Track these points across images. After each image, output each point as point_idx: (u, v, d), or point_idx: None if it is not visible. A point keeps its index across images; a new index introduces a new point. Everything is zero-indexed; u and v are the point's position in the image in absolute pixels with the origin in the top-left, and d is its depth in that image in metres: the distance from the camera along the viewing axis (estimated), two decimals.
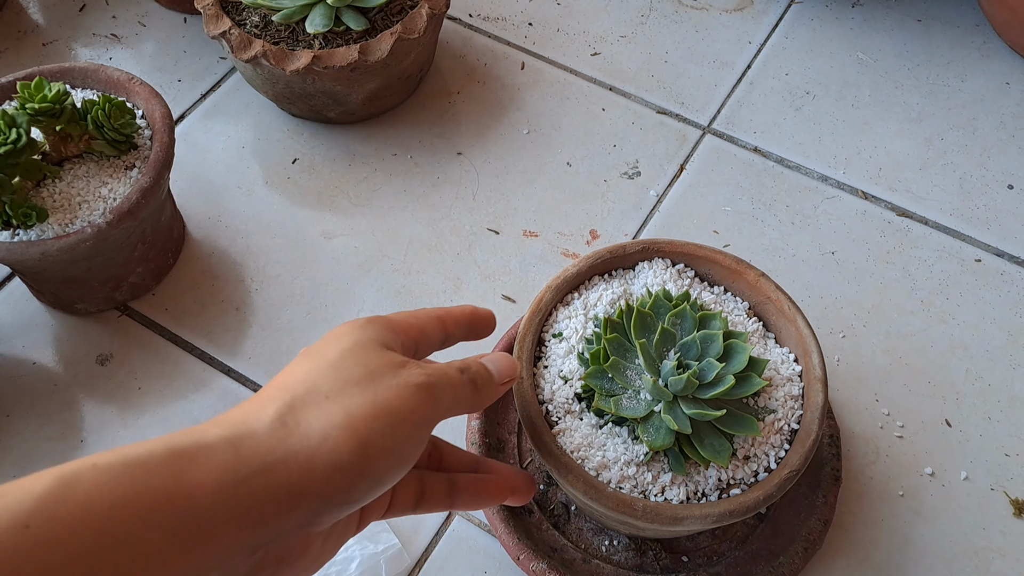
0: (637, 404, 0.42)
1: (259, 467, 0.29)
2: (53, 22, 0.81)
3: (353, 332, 0.35)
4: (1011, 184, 0.69)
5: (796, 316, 0.44)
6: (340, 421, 0.31)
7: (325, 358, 0.34)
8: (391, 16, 0.67)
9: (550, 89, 0.75)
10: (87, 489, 0.26)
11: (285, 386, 0.32)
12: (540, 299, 0.46)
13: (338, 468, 0.31)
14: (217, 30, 0.66)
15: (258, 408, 0.31)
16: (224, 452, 0.29)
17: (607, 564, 0.51)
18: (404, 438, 0.33)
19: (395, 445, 0.32)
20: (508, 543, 0.51)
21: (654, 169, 0.71)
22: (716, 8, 0.81)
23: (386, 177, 0.71)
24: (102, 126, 0.56)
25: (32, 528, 0.25)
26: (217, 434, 0.30)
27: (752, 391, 0.42)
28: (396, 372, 0.34)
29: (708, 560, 0.51)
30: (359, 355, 0.34)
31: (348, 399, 0.32)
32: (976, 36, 0.78)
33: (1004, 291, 0.64)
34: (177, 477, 0.28)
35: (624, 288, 0.47)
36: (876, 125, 0.73)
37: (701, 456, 0.41)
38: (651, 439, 0.41)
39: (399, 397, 0.33)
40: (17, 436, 0.58)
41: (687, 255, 0.48)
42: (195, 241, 0.67)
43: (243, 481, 0.29)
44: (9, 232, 0.55)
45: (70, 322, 0.63)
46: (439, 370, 0.35)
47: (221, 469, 0.29)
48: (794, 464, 0.41)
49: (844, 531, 0.54)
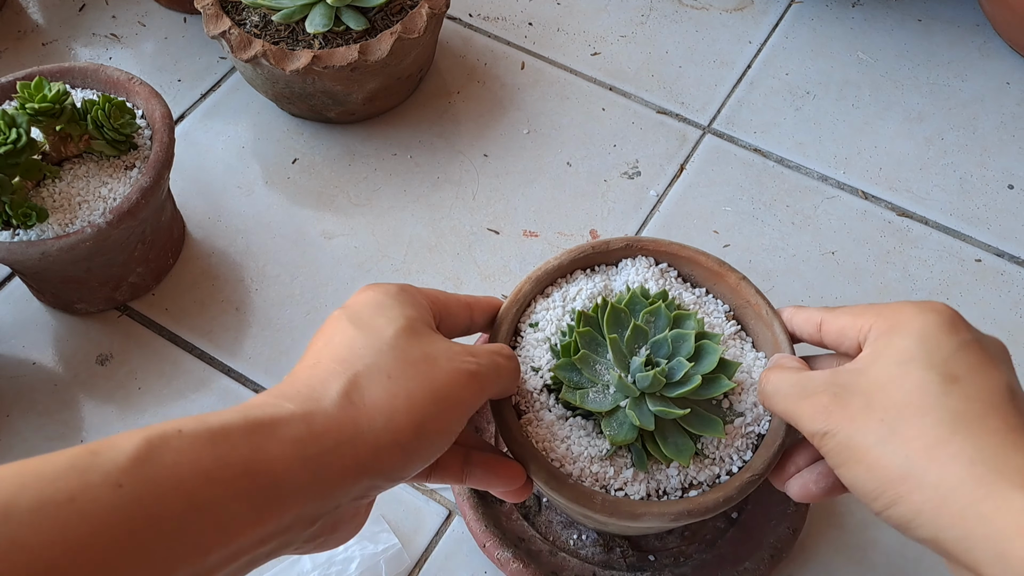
0: (604, 398, 0.42)
1: (332, 444, 0.31)
2: (53, 22, 0.81)
3: (400, 306, 0.37)
4: (1011, 184, 0.69)
5: (773, 321, 0.44)
6: (402, 404, 0.33)
7: (383, 336, 0.35)
8: (391, 16, 0.67)
9: (550, 89, 0.75)
10: (174, 455, 0.28)
11: (344, 360, 0.34)
12: (519, 289, 0.46)
13: (399, 448, 0.33)
14: (217, 30, 0.66)
15: (322, 382, 0.33)
16: (298, 428, 0.31)
17: (573, 558, 0.51)
18: (455, 421, 0.35)
19: (447, 428, 0.35)
20: (476, 530, 0.51)
21: (654, 169, 0.71)
22: (716, 8, 0.81)
23: (386, 177, 0.71)
24: (102, 126, 0.56)
25: (124, 488, 0.26)
26: (291, 410, 0.31)
27: (719, 392, 0.42)
28: (451, 357, 0.36)
29: (675, 561, 0.51)
30: (414, 337, 0.36)
31: (409, 382, 0.34)
32: (976, 36, 0.78)
33: (1004, 291, 0.64)
34: (256, 449, 0.30)
35: (605, 284, 0.47)
36: (876, 125, 0.73)
37: (663, 453, 0.41)
38: (613, 433, 0.41)
39: (454, 383, 0.35)
40: (17, 436, 0.58)
41: (670, 255, 0.48)
42: (195, 241, 0.67)
43: (316, 456, 0.31)
44: (9, 232, 0.55)
45: (70, 322, 0.63)
46: (489, 358, 0.38)
47: (296, 444, 0.30)
48: (757, 468, 0.41)
49: (844, 531, 0.54)
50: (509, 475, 0.41)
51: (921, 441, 0.32)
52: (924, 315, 0.35)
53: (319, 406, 0.32)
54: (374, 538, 0.53)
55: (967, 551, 0.30)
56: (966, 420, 0.32)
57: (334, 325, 0.37)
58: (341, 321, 0.36)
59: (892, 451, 0.32)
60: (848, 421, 0.34)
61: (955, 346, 0.34)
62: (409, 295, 0.38)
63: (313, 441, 0.31)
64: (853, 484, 0.34)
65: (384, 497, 0.56)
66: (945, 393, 0.32)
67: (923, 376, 0.33)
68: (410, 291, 0.39)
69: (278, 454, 0.30)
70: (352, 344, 0.35)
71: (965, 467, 0.30)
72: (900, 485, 0.32)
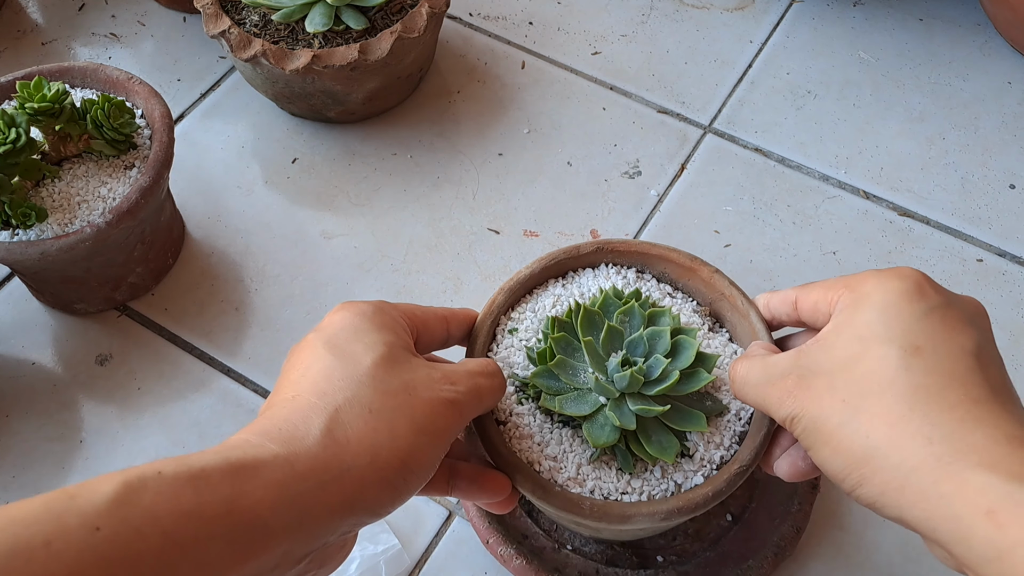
0: (583, 403, 0.42)
1: (316, 484, 0.31)
2: (52, 21, 0.81)
3: (377, 330, 0.36)
4: (1013, 184, 0.69)
5: (750, 311, 0.44)
6: (385, 440, 0.32)
7: (361, 366, 0.34)
8: (391, 15, 0.67)
9: (550, 88, 0.75)
10: (152, 496, 0.27)
11: (324, 393, 0.33)
12: (492, 301, 0.46)
13: (386, 484, 0.32)
14: (216, 29, 0.66)
15: (304, 418, 0.32)
16: (282, 470, 0.30)
17: (577, 555, 0.51)
18: (438, 451, 0.35)
19: (431, 459, 0.34)
20: (479, 526, 0.51)
21: (655, 169, 0.70)
22: (717, 7, 0.81)
23: (386, 177, 0.70)
24: (101, 126, 0.56)
25: (102, 530, 0.26)
26: (273, 451, 0.31)
27: (699, 386, 0.41)
28: (430, 386, 0.35)
29: (679, 558, 0.51)
30: (392, 366, 0.35)
31: (390, 415, 0.33)
32: (978, 35, 0.78)
33: (1006, 291, 0.64)
34: (238, 491, 0.29)
35: (579, 290, 0.47)
36: (877, 125, 0.73)
37: (648, 453, 0.41)
38: (595, 437, 0.41)
39: (435, 415, 0.34)
40: (16, 436, 0.58)
41: (642, 254, 0.48)
42: (195, 241, 0.67)
43: (301, 497, 0.30)
44: (8, 232, 0.55)
45: (69, 322, 0.63)
46: (468, 383, 0.37)
47: (279, 486, 0.30)
48: (744, 459, 0.41)
49: (843, 531, 0.54)
50: (494, 487, 0.41)
51: (882, 420, 0.31)
52: (886, 284, 0.34)
53: (302, 445, 0.31)
54: (374, 539, 0.53)
55: (933, 531, 0.30)
56: (925, 395, 0.31)
57: (310, 352, 0.36)
58: (317, 348, 0.36)
59: (854, 432, 0.32)
60: (813, 403, 0.33)
61: (919, 314, 0.33)
62: (386, 316, 0.37)
63: (297, 482, 0.30)
64: (823, 466, 0.34)
65: None
66: (906, 367, 0.32)
67: (883, 351, 0.32)
68: (386, 311, 0.38)
69: (261, 496, 0.29)
70: (330, 375, 0.34)
71: (923, 446, 0.30)
72: (864, 466, 0.31)
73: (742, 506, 0.53)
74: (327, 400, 0.33)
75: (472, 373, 0.38)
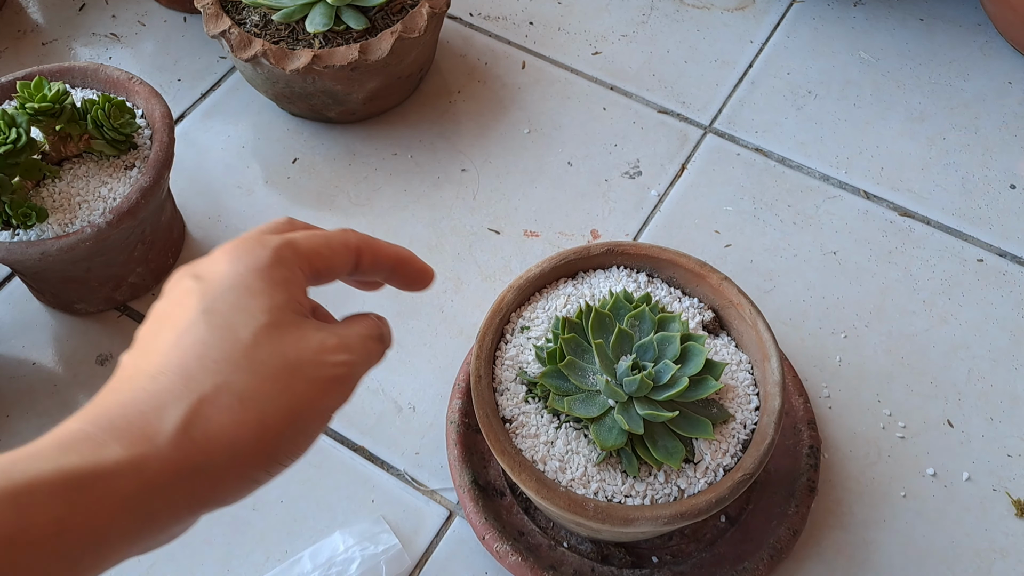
0: (591, 404, 0.42)
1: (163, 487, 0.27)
2: (53, 21, 0.81)
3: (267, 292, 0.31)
4: (1013, 184, 0.69)
5: (757, 320, 0.44)
6: (251, 433, 0.28)
7: (240, 342, 0.30)
8: (391, 15, 0.67)
9: (551, 88, 0.75)
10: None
11: (191, 377, 0.29)
12: (502, 299, 0.46)
13: (245, 479, 0.29)
14: (217, 29, 0.65)
15: (159, 408, 0.28)
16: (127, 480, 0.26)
17: (573, 553, 0.51)
18: (315, 433, 0.31)
19: (303, 447, 0.30)
20: (475, 522, 0.51)
21: (655, 169, 0.70)
22: (717, 7, 0.81)
23: (386, 177, 0.70)
24: (102, 126, 0.56)
25: None
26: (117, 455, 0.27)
27: (707, 393, 0.42)
28: (318, 363, 0.31)
29: (674, 558, 0.51)
30: (275, 337, 0.30)
31: (263, 403, 0.29)
32: (978, 35, 0.78)
33: (1006, 291, 0.64)
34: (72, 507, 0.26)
35: (591, 291, 0.47)
36: (878, 125, 0.73)
37: (653, 457, 0.41)
38: (603, 439, 0.41)
39: (318, 394, 0.30)
40: (17, 436, 0.58)
41: (652, 258, 0.48)
42: (195, 241, 0.67)
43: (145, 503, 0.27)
44: (9, 232, 0.55)
45: (70, 322, 0.63)
46: (361, 352, 0.33)
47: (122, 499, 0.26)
48: (748, 467, 0.41)
49: (845, 531, 0.54)
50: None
51: None
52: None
53: (151, 446, 0.27)
54: (375, 539, 0.53)
55: None
56: None
57: (184, 315, 0.30)
58: (193, 312, 0.30)
59: None
60: None
61: None
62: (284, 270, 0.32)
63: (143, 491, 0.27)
64: None
65: (384, 497, 0.56)
66: None
67: None
68: (286, 262, 0.32)
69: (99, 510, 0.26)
70: (204, 353, 0.29)
71: None
72: None
73: (739, 508, 0.53)
74: (192, 386, 0.28)
75: (365, 338, 0.33)
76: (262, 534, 0.55)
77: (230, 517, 0.55)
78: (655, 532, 0.45)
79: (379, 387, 0.60)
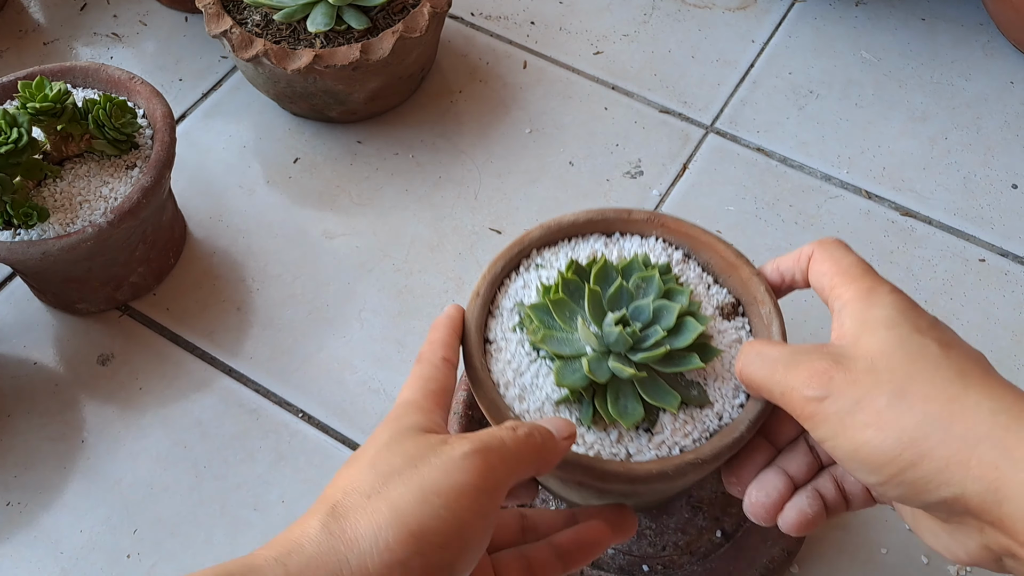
0: (565, 345, 0.41)
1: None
2: (54, 21, 0.81)
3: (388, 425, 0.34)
4: (1015, 184, 0.69)
5: (773, 321, 0.43)
6: (387, 519, 0.29)
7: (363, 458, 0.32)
8: (393, 15, 0.67)
9: (552, 88, 0.75)
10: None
11: (326, 497, 0.31)
12: (527, 234, 0.45)
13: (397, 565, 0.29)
14: (218, 29, 0.66)
15: (303, 524, 0.30)
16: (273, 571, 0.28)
17: None
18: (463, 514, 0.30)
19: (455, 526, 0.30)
20: None
21: (657, 168, 0.70)
22: (719, 7, 0.81)
23: (388, 176, 0.70)
24: (103, 125, 0.56)
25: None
26: (265, 556, 0.29)
27: (684, 368, 0.40)
28: (438, 450, 0.32)
29: (665, 569, 0.51)
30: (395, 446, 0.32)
31: (391, 492, 0.30)
32: (980, 35, 0.78)
33: (1008, 291, 0.64)
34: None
35: (620, 252, 0.46)
36: (880, 124, 0.73)
37: (608, 412, 0.40)
38: (562, 376, 0.40)
39: (447, 473, 0.31)
40: (18, 436, 0.58)
41: (690, 236, 0.47)
42: (196, 241, 0.67)
43: None
44: (10, 232, 0.55)
45: (71, 322, 0.63)
46: (487, 432, 0.33)
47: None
48: (704, 453, 0.39)
49: (845, 531, 0.54)
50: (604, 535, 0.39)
51: (936, 399, 0.31)
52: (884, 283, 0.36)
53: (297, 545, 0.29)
54: None
55: (997, 503, 0.29)
56: (974, 378, 0.31)
57: None
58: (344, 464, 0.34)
59: (907, 410, 0.31)
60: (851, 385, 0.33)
61: (930, 319, 0.34)
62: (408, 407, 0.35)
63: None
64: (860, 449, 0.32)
65: None
66: (946, 356, 0.32)
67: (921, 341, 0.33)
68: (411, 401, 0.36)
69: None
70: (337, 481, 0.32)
71: (988, 417, 0.30)
72: (922, 443, 0.30)
73: (735, 524, 0.52)
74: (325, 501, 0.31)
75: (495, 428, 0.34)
76: (262, 534, 0.55)
77: (231, 517, 0.55)
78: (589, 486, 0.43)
79: (380, 387, 0.60)
